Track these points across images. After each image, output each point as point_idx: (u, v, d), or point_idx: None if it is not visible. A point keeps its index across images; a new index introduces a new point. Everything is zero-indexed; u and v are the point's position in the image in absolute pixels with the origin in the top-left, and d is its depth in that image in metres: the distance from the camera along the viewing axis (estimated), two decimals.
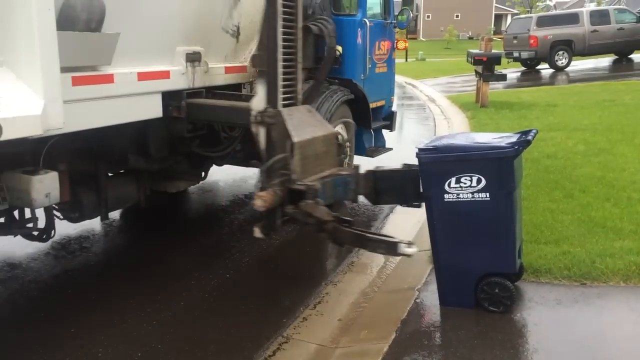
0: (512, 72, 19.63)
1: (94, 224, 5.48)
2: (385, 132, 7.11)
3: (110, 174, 4.63)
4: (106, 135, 3.94)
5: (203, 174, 5.64)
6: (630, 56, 21.27)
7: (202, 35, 4.40)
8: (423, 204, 3.65)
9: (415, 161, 3.61)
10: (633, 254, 4.05)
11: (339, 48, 6.18)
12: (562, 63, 19.78)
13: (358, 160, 5.87)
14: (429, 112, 13.06)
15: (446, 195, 3.42)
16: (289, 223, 3.83)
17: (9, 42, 2.75)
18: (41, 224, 3.92)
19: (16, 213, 3.93)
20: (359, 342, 3.43)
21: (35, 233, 4.00)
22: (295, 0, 3.92)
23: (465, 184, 3.37)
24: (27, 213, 3.93)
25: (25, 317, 3.89)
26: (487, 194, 3.35)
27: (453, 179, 3.39)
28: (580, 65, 20.64)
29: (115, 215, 5.66)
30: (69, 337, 3.56)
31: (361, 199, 4.22)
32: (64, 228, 5.00)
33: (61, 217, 4.32)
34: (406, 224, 5.31)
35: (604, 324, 3.36)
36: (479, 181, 3.35)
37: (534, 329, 3.32)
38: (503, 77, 12.51)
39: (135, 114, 3.92)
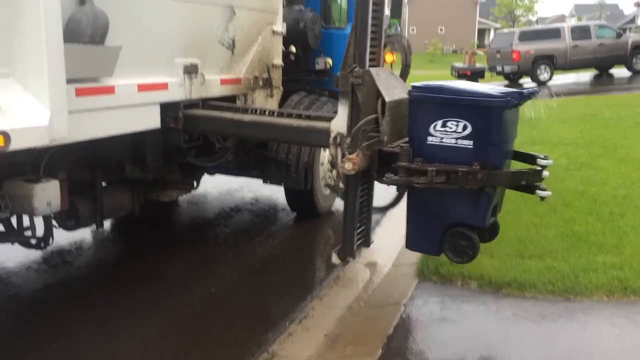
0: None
1: (79, 234, 5.41)
2: None
3: (104, 184, 4.63)
4: (105, 146, 3.96)
5: (195, 183, 5.64)
6: (610, 71, 21.66)
7: (199, 48, 4.45)
8: None
9: None
10: (615, 269, 4.10)
11: (329, 60, 6.21)
12: (544, 77, 20.04)
13: None
14: None
15: (430, 138, 3.33)
16: (362, 247, 3.79)
17: (16, 54, 2.80)
18: (39, 232, 3.96)
19: (14, 221, 3.93)
20: (345, 358, 3.41)
21: (34, 241, 4.02)
22: (381, 10, 3.79)
23: (450, 128, 3.28)
24: (25, 221, 3.95)
25: (5, 329, 3.81)
26: (471, 142, 3.24)
27: (439, 122, 3.30)
28: (561, 79, 20.95)
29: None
30: (49, 353, 3.49)
31: None
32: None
33: (57, 225, 4.29)
34: (390, 238, 5.31)
35: (587, 338, 3.39)
36: (464, 127, 3.24)
37: (519, 343, 3.33)
38: None
39: (135, 125, 3.96)
